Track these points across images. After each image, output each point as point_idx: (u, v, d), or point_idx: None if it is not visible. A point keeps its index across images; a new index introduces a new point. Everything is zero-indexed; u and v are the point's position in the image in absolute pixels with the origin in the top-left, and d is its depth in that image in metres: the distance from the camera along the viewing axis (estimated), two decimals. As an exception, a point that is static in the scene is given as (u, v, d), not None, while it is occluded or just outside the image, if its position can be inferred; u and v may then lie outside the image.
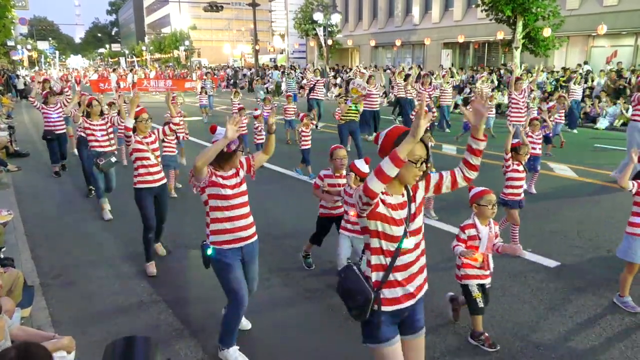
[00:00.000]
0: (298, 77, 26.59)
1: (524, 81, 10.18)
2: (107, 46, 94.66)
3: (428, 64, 30.06)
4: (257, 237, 3.49)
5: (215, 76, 35.38)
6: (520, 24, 17.77)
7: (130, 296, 4.53)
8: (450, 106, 14.77)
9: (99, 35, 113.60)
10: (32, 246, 5.72)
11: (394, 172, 2.02)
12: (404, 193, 2.29)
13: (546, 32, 17.82)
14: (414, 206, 2.32)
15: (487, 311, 3.77)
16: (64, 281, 4.87)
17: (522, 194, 5.37)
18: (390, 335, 2.37)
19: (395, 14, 34.10)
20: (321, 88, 15.97)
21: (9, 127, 12.33)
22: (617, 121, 15.19)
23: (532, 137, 7.59)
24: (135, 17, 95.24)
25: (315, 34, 32.10)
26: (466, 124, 12.17)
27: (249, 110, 12.00)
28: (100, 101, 7.18)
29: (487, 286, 3.69)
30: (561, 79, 18.33)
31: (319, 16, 30.57)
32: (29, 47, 52.54)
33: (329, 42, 31.42)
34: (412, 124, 2.01)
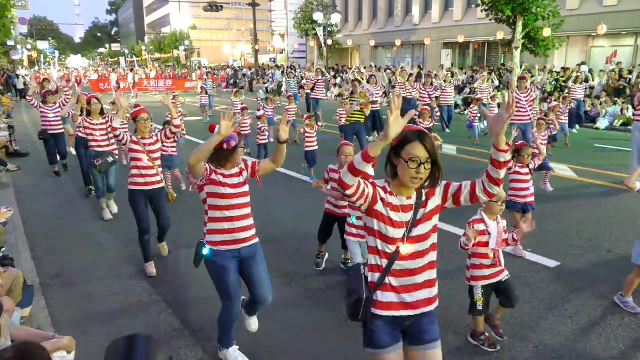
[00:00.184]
0: (298, 78, 26.59)
1: (527, 81, 10.02)
2: (107, 46, 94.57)
3: (428, 64, 30.06)
4: (257, 240, 3.40)
5: (216, 76, 35.41)
6: (520, 24, 17.76)
7: (130, 296, 4.53)
8: (451, 106, 14.76)
9: (99, 35, 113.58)
10: (32, 246, 5.72)
11: (363, 167, 2.01)
12: (412, 196, 2.21)
13: (546, 32, 17.82)
14: (422, 212, 2.21)
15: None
16: (64, 281, 4.87)
17: (528, 197, 5.28)
18: (386, 343, 2.28)
19: (395, 14, 34.10)
20: (322, 88, 15.97)
21: (9, 127, 12.33)
22: (617, 121, 15.20)
23: (538, 137, 7.56)
24: (135, 16, 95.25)
25: (315, 34, 32.13)
26: (470, 123, 12.16)
27: (251, 111, 11.99)
28: (100, 100, 7.13)
29: (504, 280, 3.60)
30: (561, 79, 18.33)
31: (319, 16, 30.60)
32: (28, 47, 52.47)
33: (329, 42, 31.44)
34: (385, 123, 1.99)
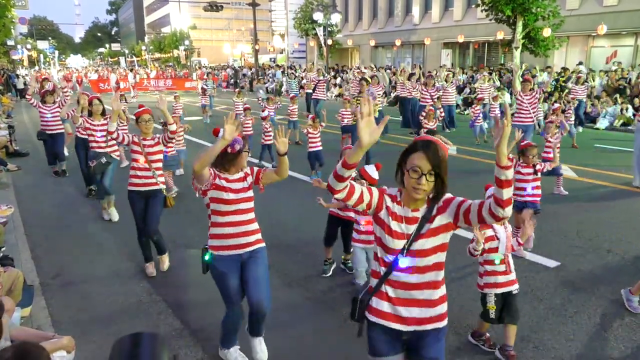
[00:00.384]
0: (299, 78, 26.57)
1: (531, 83, 9.82)
2: (107, 46, 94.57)
3: (428, 64, 30.05)
4: (263, 245, 3.35)
5: (216, 76, 35.40)
6: (520, 24, 17.77)
7: (130, 296, 4.53)
8: (452, 106, 14.75)
9: (99, 34, 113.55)
10: (32, 246, 5.72)
11: (343, 172, 1.98)
12: (419, 209, 2.14)
13: (546, 32, 17.82)
14: (427, 226, 2.12)
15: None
16: (63, 281, 4.87)
17: (527, 197, 5.27)
18: (384, 352, 2.25)
19: (395, 13, 34.09)
20: (323, 88, 15.95)
21: (9, 126, 12.32)
22: (617, 121, 15.20)
23: (550, 141, 7.50)
24: (135, 16, 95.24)
25: (315, 33, 32.12)
26: (472, 122, 12.14)
27: (253, 110, 11.96)
28: (102, 101, 7.10)
29: (514, 292, 3.49)
30: (561, 79, 18.32)
31: (318, 16, 30.58)
32: (28, 46, 52.49)
33: (329, 42, 31.43)
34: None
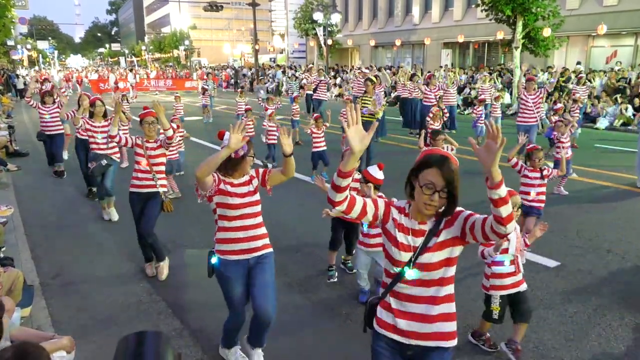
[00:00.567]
0: (299, 78, 26.55)
1: (535, 82, 9.78)
2: (107, 46, 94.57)
3: (428, 64, 30.06)
4: (270, 250, 3.30)
5: (216, 76, 35.41)
6: (520, 23, 17.76)
7: (130, 296, 4.52)
8: (453, 107, 14.74)
9: (99, 34, 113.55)
10: (32, 246, 5.72)
11: (340, 182, 1.96)
12: (426, 222, 2.12)
13: (546, 32, 17.81)
14: (433, 240, 2.09)
15: (479, 311, 3.72)
16: (63, 281, 4.87)
17: (534, 202, 5.25)
18: None
19: (395, 13, 34.10)
20: (324, 89, 15.92)
21: (9, 126, 12.32)
22: (617, 121, 15.20)
23: (563, 141, 7.49)
24: (135, 16, 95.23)
25: (315, 33, 32.12)
26: (474, 123, 12.11)
27: (256, 110, 11.94)
28: (104, 102, 7.04)
29: (521, 291, 3.51)
30: (560, 79, 18.33)
31: (318, 16, 30.59)
32: (28, 46, 52.51)
33: (329, 41, 31.43)
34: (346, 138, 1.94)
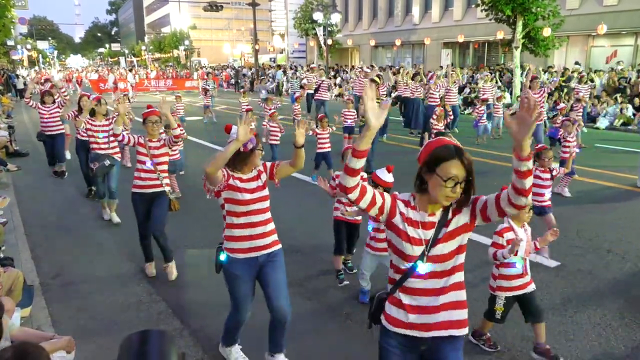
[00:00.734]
0: (300, 78, 26.55)
1: (539, 81, 9.78)
2: (107, 46, 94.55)
3: (428, 63, 30.04)
4: (279, 247, 3.25)
5: (217, 76, 35.42)
6: (520, 23, 17.76)
7: (130, 296, 4.52)
8: (455, 106, 14.72)
9: (99, 34, 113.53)
10: (32, 246, 5.72)
11: (354, 163, 1.88)
12: (435, 213, 2.09)
13: (546, 32, 17.81)
14: (443, 231, 2.07)
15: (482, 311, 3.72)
16: (63, 281, 4.87)
17: (546, 202, 5.21)
18: None
19: (395, 13, 34.10)
20: (326, 89, 15.89)
21: (9, 126, 12.33)
22: (617, 121, 15.19)
23: (569, 140, 7.49)
24: (135, 16, 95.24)
25: (315, 33, 32.12)
26: (476, 122, 12.11)
27: (257, 111, 11.92)
28: (106, 102, 6.98)
29: (529, 292, 3.46)
30: (561, 79, 18.32)
31: (318, 16, 30.60)
32: (28, 46, 52.50)
33: (329, 41, 31.43)
34: (367, 113, 1.84)
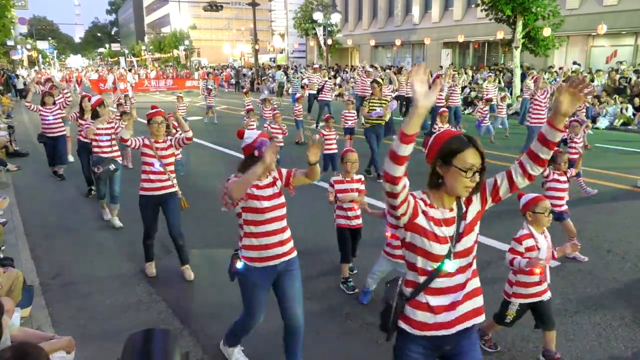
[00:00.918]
0: (302, 78, 26.53)
1: (545, 81, 9.75)
2: (107, 46, 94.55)
3: (428, 63, 30.01)
4: (295, 254, 3.22)
5: (217, 76, 35.41)
6: (520, 23, 17.77)
7: (130, 296, 4.52)
8: (458, 107, 14.70)
9: (99, 34, 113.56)
10: (32, 246, 5.72)
11: (403, 150, 1.77)
12: (453, 208, 2.03)
13: (546, 32, 17.82)
14: (463, 224, 2.02)
15: (487, 312, 3.71)
16: (63, 281, 4.87)
17: (564, 206, 5.16)
18: None
19: (395, 13, 34.12)
20: (329, 89, 15.85)
21: (9, 127, 12.31)
22: (617, 121, 15.19)
23: (576, 142, 7.46)
24: (135, 16, 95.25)
25: (315, 33, 32.13)
26: (479, 122, 12.09)
27: (257, 111, 11.91)
28: (106, 104, 6.92)
29: (545, 301, 3.39)
30: (562, 80, 18.36)
31: (318, 16, 30.63)
32: (28, 46, 52.52)
33: (329, 41, 31.43)
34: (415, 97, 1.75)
